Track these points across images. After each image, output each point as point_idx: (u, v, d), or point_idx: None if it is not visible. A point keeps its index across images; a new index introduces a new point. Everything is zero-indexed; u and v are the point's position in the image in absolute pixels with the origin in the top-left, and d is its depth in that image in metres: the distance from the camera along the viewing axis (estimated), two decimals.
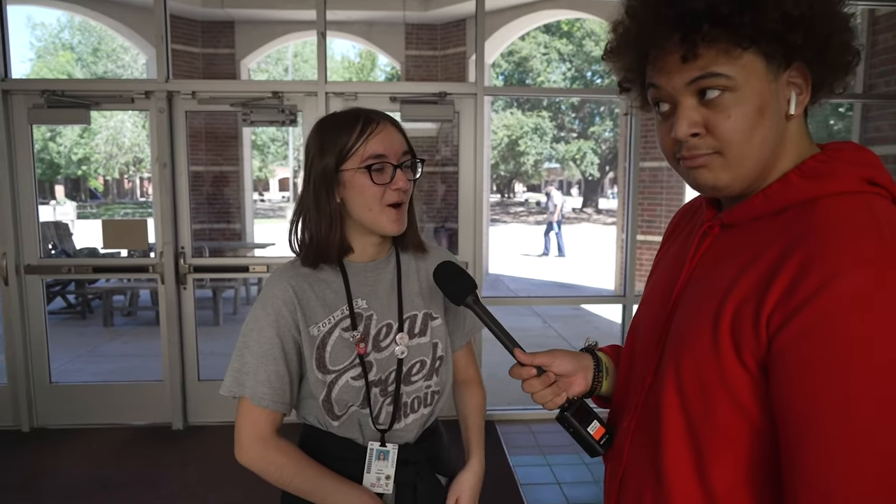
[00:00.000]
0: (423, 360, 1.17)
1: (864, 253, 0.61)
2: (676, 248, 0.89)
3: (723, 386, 0.70)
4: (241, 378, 1.07)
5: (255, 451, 1.07)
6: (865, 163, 0.72)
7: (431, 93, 3.78)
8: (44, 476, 3.17)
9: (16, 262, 3.66)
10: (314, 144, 1.10)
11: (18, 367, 3.72)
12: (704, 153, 0.72)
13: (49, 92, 3.62)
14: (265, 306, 1.08)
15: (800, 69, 0.71)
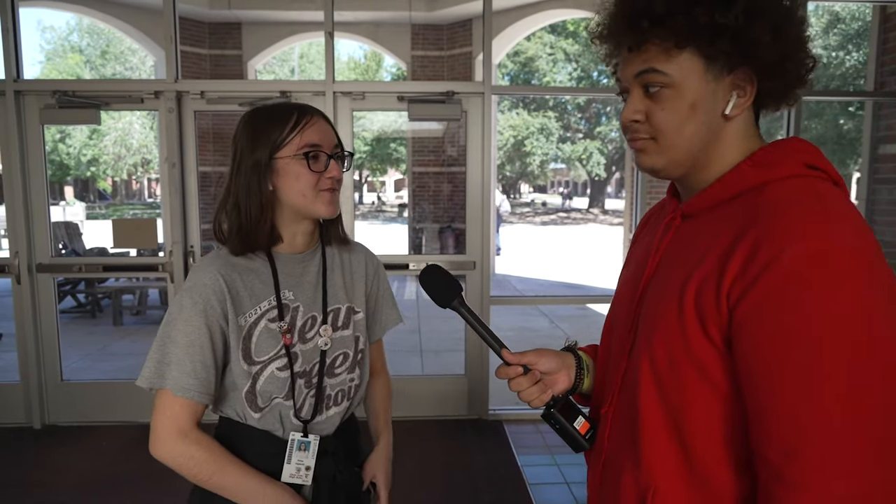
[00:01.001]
0: (346, 353, 1.19)
1: (807, 227, 0.68)
2: (645, 242, 0.95)
3: (691, 362, 0.75)
4: (162, 369, 1.04)
5: (173, 446, 1.04)
6: (806, 150, 0.79)
7: (439, 92, 3.79)
8: (55, 472, 3.20)
9: (28, 260, 3.70)
10: (245, 134, 1.11)
11: (30, 364, 3.75)
12: (643, 137, 0.82)
13: (60, 92, 3.65)
14: (192, 295, 1.06)
15: (746, 74, 0.77)
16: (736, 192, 0.79)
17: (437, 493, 2.99)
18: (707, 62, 0.76)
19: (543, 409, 0.98)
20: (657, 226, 0.92)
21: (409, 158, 10.97)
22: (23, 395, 3.79)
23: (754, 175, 0.78)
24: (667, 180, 0.89)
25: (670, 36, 0.75)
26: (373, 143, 23.43)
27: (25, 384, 3.79)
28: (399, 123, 18.06)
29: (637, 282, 0.89)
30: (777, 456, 0.68)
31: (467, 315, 1.00)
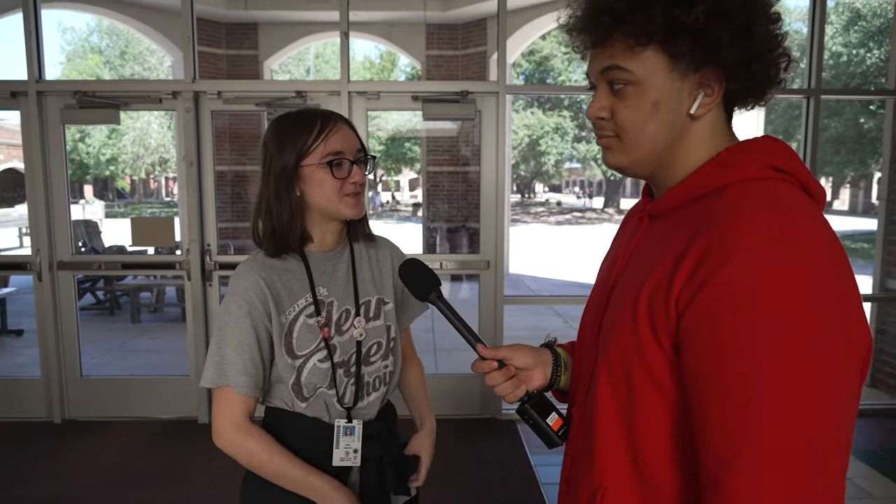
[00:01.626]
0: (380, 342, 1.27)
1: (755, 233, 0.65)
2: (617, 243, 0.94)
3: (642, 366, 0.75)
4: (223, 369, 1.13)
5: (231, 437, 1.14)
6: (774, 152, 0.76)
7: (453, 91, 3.80)
8: (75, 466, 3.25)
9: (49, 258, 3.76)
10: (273, 142, 1.17)
11: (51, 360, 3.82)
12: (608, 134, 0.81)
13: (80, 93, 3.72)
14: (238, 299, 1.15)
15: (714, 73, 0.75)
16: (699, 194, 0.77)
17: (451, 492, 3.00)
18: (671, 60, 0.75)
19: (518, 404, 0.99)
20: (628, 224, 0.93)
21: (423, 158, 10.99)
22: (43, 390, 3.87)
23: (717, 176, 0.76)
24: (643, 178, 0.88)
25: (632, 33, 0.74)
26: (387, 143, 23.50)
27: (46, 379, 3.86)
28: (414, 123, 18.09)
29: (607, 283, 0.89)
30: (714, 464, 0.67)
31: (444, 309, 1.03)
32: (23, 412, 3.88)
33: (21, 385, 3.98)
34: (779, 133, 21.81)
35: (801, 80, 4.04)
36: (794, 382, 0.63)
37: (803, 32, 19.00)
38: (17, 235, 15.63)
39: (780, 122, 21.39)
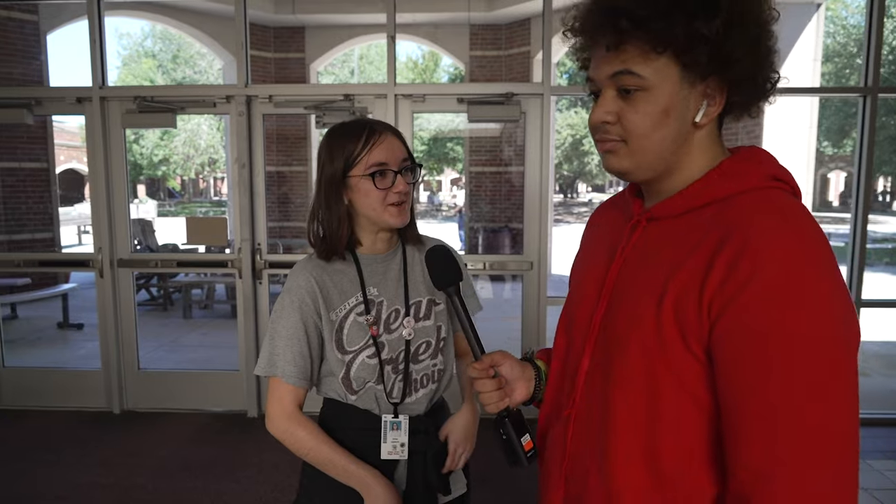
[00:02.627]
0: (429, 341, 1.30)
1: (782, 242, 0.69)
2: (603, 242, 0.94)
3: (671, 374, 0.76)
4: (274, 360, 1.21)
5: (280, 424, 1.21)
6: (770, 162, 0.82)
7: (498, 93, 3.81)
8: (133, 455, 3.41)
9: (110, 256, 3.95)
10: (325, 151, 1.24)
11: (110, 353, 4.01)
12: (613, 139, 0.81)
13: (140, 98, 3.88)
14: (291, 295, 1.22)
15: (716, 84, 0.77)
16: (706, 201, 0.80)
17: (487, 491, 3.02)
18: (683, 69, 0.76)
19: (496, 416, 0.99)
20: (618, 225, 0.92)
21: (465, 158, 11.01)
22: (103, 381, 4.06)
23: (723, 186, 0.79)
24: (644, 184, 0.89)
25: (650, 39, 0.74)
26: (429, 143, 23.61)
27: (106, 371, 4.04)
28: (456, 123, 18.12)
29: (600, 282, 0.89)
30: (749, 475, 0.69)
31: (458, 305, 1.05)
32: (85, 402, 4.08)
33: (83, 376, 4.18)
34: (833, 132, 21.01)
35: (858, 78, 3.91)
36: (829, 389, 0.67)
37: (861, 27, 18.29)
38: (77, 233, 16.31)
39: (835, 119, 20.60)
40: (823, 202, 29.05)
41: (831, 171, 29.89)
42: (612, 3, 0.76)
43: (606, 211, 1.04)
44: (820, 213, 21.73)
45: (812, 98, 6.56)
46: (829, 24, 18.21)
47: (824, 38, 13.75)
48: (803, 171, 6.60)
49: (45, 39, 7.62)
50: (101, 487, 3.05)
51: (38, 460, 3.34)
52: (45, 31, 7.72)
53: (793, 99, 6.34)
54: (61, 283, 7.31)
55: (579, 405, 0.89)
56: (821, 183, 29.48)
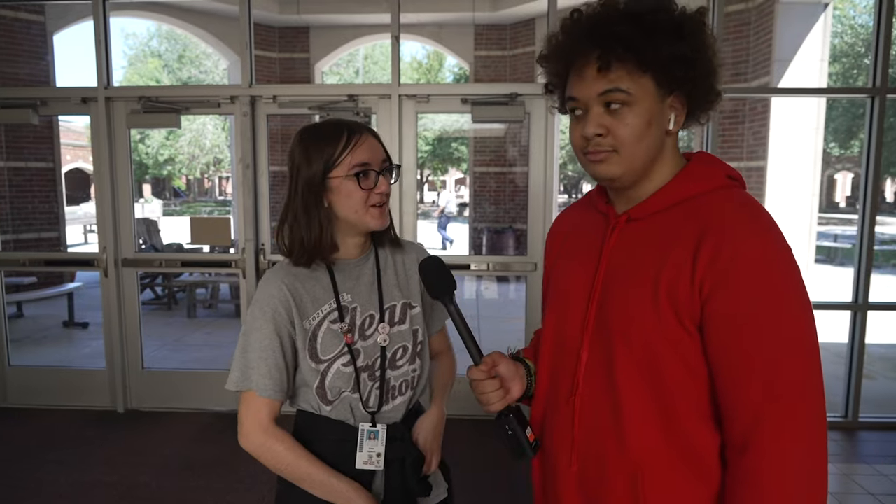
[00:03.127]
0: (405, 346, 1.27)
1: (750, 228, 0.86)
2: (581, 247, 1.05)
3: (672, 351, 0.89)
4: (248, 373, 1.16)
5: (256, 439, 1.17)
6: (724, 165, 0.98)
7: (502, 94, 3.81)
8: (137, 455, 3.42)
9: (115, 255, 3.96)
10: (300, 154, 1.19)
11: (115, 352, 4.02)
12: (605, 150, 0.92)
13: (145, 98, 3.90)
14: (263, 306, 1.18)
15: (679, 97, 0.93)
16: (678, 200, 0.94)
17: (503, 492, 3.02)
18: (657, 85, 0.90)
19: (497, 414, 1.03)
20: (594, 229, 1.04)
21: (470, 158, 11.01)
22: (108, 380, 4.07)
23: (692, 186, 0.94)
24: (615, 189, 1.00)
25: (637, 61, 0.88)
26: (434, 143, 23.60)
27: (110, 370, 4.06)
28: (461, 123, 18.12)
29: (588, 283, 0.99)
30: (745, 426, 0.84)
31: (454, 313, 1.07)
32: (89, 401, 4.10)
33: (88, 375, 4.19)
34: (841, 132, 20.90)
35: (866, 78, 3.88)
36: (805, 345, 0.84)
37: (869, 27, 18.17)
38: (83, 233, 16.39)
39: (843, 120, 20.49)
40: (830, 203, 28.92)
41: (838, 173, 29.76)
42: (603, 30, 0.88)
43: (571, 219, 1.15)
44: (826, 214, 21.62)
45: (819, 99, 6.52)
46: (837, 23, 18.10)
47: (832, 38, 13.64)
48: (809, 172, 6.55)
49: (51, 40, 7.65)
50: (105, 486, 3.06)
51: (42, 459, 3.35)
52: (52, 32, 7.75)
53: (799, 99, 6.31)
54: (67, 282, 7.33)
55: (583, 394, 0.97)
56: (827, 184, 29.34)
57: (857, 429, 3.83)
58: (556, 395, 1.04)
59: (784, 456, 0.82)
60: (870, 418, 3.90)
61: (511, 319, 6.58)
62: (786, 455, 0.82)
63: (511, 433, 1.02)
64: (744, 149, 6.60)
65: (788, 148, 6.39)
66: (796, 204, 6.53)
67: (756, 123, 6.51)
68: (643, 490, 0.91)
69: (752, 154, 6.51)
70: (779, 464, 0.82)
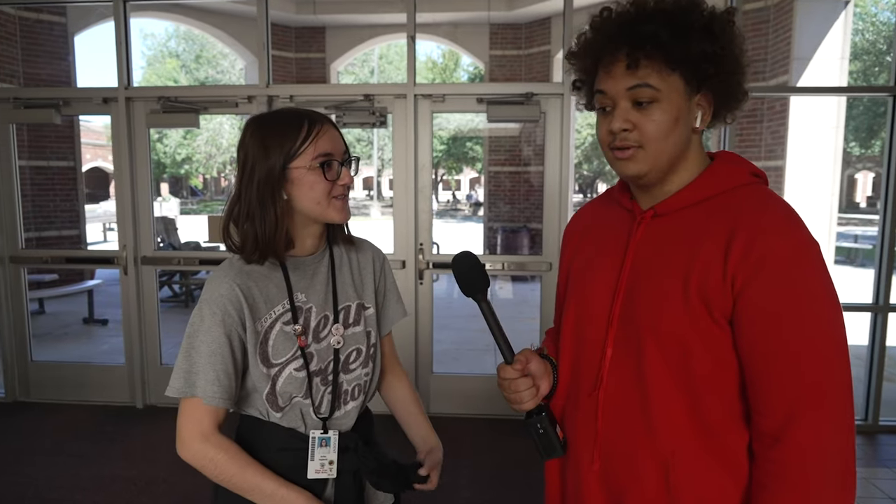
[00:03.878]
0: (359, 349, 1.22)
1: (780, 226, 0.87)
2: (604, 242, 1.05)
3: (700, 342, 0.89)
4: (192, 378, 1.08)
5: (197, 448, 1.08)
6: (747, 163, 0.99)
7: (518, 93, 3.81)
8: (154, 450, 3.46)
9: (134, 253, 4.01)
10: (255, 144, 1.10)
11: (134, 349, 4.08)
12: (632, 145, 0.93)
13: (164, 98, 3.94)
14: (211, 306, 1.09)
15: (706, 96, 0.94)
16: (705, 196, 0.95)
17: (517, 491, 3.02)
18: (685, 84, 0.91)
19: (527, 413, 1.02)
20: (618, 225, 1.03)
21: (485, 158, 11.00)
22: (127, 376, 4.13)
23: (717, 184, 0.95)
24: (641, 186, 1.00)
25: (666, 58, 0.89)
26: (448, 142, 23.61)
27: (129, 367, 4.12)
28: (476, 122, 18.10)
29: (613, 279, 0.99)
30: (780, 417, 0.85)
31: (486, 311, 1.04)
32: (109, 396, 4.16)
33: (107, 371, 4.26)
34: (861, 131, 20.60)
35: (888, 76, 3.83)
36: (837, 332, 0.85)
37: (891, 24, 17.86)
38: (102, 230, 16.61)
39: (863, 119, 20.19)
40: (850, 203, 28.49)
41: (858, 172, 29.31)
42: (632, 28, 0.89)
43: (591, 214, 1.15)
44: (846, 214, 21.31)
45: (839, 97, 6.43)
46: (858, 20, 17.83)
47: (853, 35, 13.43)
48: (829, 172, 6.47)
49: (72, 41, 7.77)
50: (123, 480, 3.10)
51: (63, 452, 3.41)
52: (73, 33, 7.87)
53: (819, 98, 6.23)
54: (87, 279, 7.44)
55: (608, 388, 0.97)
56: (848, 184, 28.91)
57: (878, 432, 3.78)
58: (577, 390, 1.03)
59: (817, 449, 0.83)
60: (891, 422, 3.84)
61: (525, 319, 6.57)
62: (819, 448, 0.83)
63: (542, 432, 1.01)
64: (762, 148, 6.53)
65: (807, 147, 6.31)
66: (816, 204, 6.45)
67: (774, 122, 6.44)
68: (674, 484, 0.91)
69: (771, 153, 6.45)
70: (812, 457, 0.83)
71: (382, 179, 29.66)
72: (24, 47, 7.09)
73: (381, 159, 25.92)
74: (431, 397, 3.97)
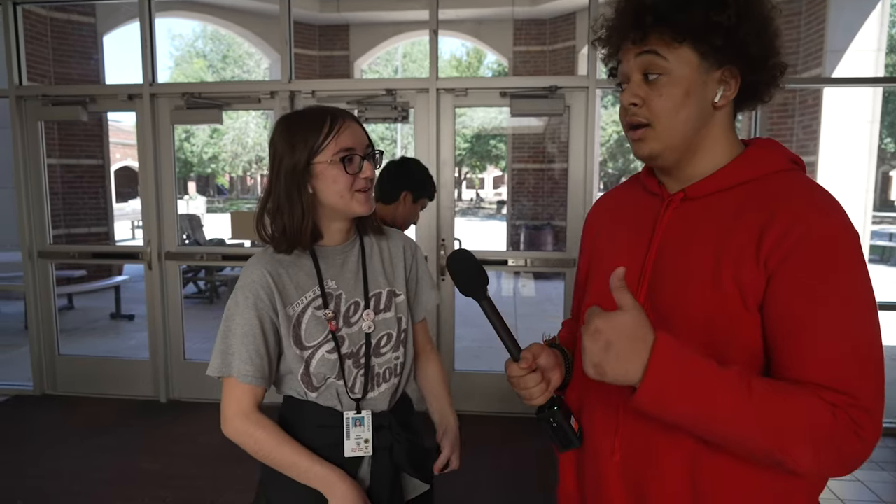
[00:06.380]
0: (390, 334, 1.27)
1: (820, 211, 0.83)
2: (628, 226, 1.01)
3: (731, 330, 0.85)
4: (228, 359, 1.15)
5: (238, 425, 1.16)
6: (785, 149, 0.95)
7: (541, 87, 3.74)
8: (176, 443, 3.49)
9: (158, 249, 4.05)
10: (283, 141, 1.18)
11: (158, 344, 4.12)
12: (640, 121, 0.91)
13: (188, 94, 3.97)
14: (244, 291, 1.17)
15: (731, 71, 0.89)
16: (738, 182, 0.91)
17: (538, 489, 2.97)
18: (700, 57, 0.87)
19: (539, 408, 0.99)
20: (644, 208, 1.00)
21: (508, 155, 10.93)
22: (151, 371, 4.17)
23: (754, 168, 0.91)
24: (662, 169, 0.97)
25: (671, 31, 0.86)
26: (472, 140, 23.56)
27: (154, 361, 4.16)
28: (499, 120, 18.04)
29: (638, 259, 0.95)
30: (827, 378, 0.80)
31: (488, 309, 1.00)
32: (134, 391, 4.21)
33: (133, 366, 4.31)
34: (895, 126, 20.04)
35: None
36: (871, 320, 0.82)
37: None
38: (130, 228, 16.94)
39: None
40: (885, 201, 27.72)
41: (894, 169, 28.50)
42: (637, 5, 0.87)
43: (615, 198, 1.11)
44: (881, 212, 20.75)
45: (874, 90, 6.24)
46: (895, 12, 17.32)
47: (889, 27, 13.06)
48: (863, 168, 6.27)
49: (101, 40, 7.91)
50: (145, 473, 3.13)
51: (88, 445, 3.46)
52: (102, 33, 8.01)
53: (853, 91, 6.05)
54: (115, 275, 7.57)
55: None
56: (882, 181, 28.13)
57: None
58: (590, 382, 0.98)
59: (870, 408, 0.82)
60: None
61: (549, 318, 6.50)
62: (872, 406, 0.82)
63: (556, 426, 0.98)
64: (793, 143, 6.36)
65: (841, 142, 6.13)
66: (849, 201, 6.26)
67: (807, 117, 6.27)
68: (701, 473, 0.88)
69: (803, 149, 6.28)
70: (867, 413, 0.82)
71: None
72: (55, 47, 7.23)
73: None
74: (453, 395, 3.93)
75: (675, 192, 0.96)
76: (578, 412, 1.03)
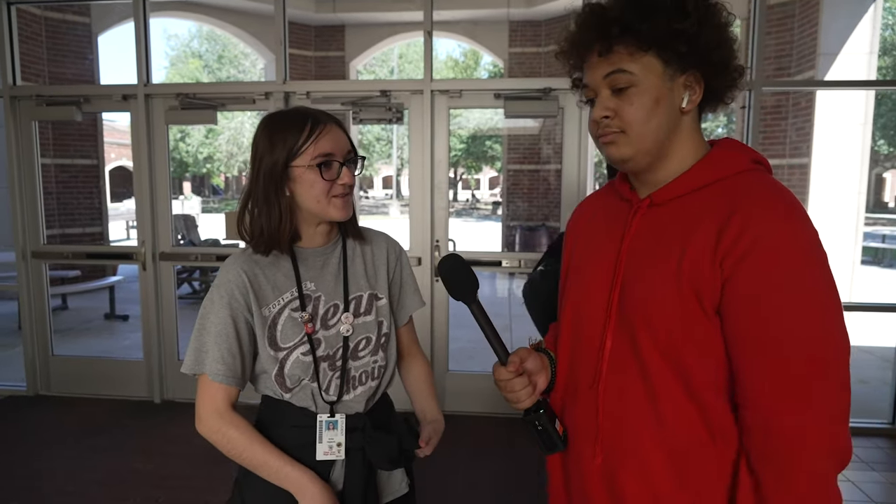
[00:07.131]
0: (369, 337, 1.26)
1: (776, 209, 0.85)
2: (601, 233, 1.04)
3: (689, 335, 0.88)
4: (201, 357, 1.15)
5: (211, 423, 1.15)
6: (749, 149, 0.97)
7: (536, 88, 3.76)
8: (170, 444, 3.49)
9: (152, 249, 4.05)
10: (263, 141, 1.16)
11: (152, 344, 4.11)
12: (613, 131, 0.93)
13: (183, 95, 3.97)
14: (220, 290, 1.16)
15: (694, 76, 0.92)
16: (702, 184, 0.93)
17: (532, 489, 2.99)
18: (664, 64, 0.90)
19: (525, 411, 1.01)
20: (615, 214, 1.02)
21: (504, 156, 10.95)
22: (145, 371, 4.17)
23: (716, 171, 0.93)
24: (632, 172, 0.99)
25: (636, 41, 0.88)
26: (468, 141, 23.57)
27: (148, 362, 4.15)
28: (495, 121, 18.06)
29: (610, 269, 0.97)
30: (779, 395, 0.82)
31: (477, 314, 1.02)
32: (128, 391, 4.20)
33: (127, 366, 4.30)
34: (890, 129, 20.16)
35: None
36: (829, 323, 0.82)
37: None
38: (125, 228, 16.88)
39: (892, 116, 19.75)
40: (878, 203, 27.87)
41: (887, 171, 28.65)
42: (601, 16, 0.90)
43: (592, 207, 1.14)
44: (874, 214, 20.84)
45: (867, 93, 6.28)
46: (888, 15, 17.42)
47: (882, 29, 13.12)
48: (856, 170, 6.31)
49: (96, 40, 7.88)
50: (139, 473, 3.13)
51: (82, 445, 3.45)
52: (97, 33, 7.99)
53: (846, 93, 6.09)
54: (109, 275, 7.55)
55: (608, 382, 0.96)
56: (875, 183, 28.27)
57: None
58: (575, 385, 1.02)
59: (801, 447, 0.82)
60: None
61: None
62: (802, 446, 0.82)
63: (541, 428, 1.00)
64: (786, 145, 6.40)
65: (834, 145, 6.17)
66: (842, 203, 6.30)
67: (799, 119, 6.30)
68: (685, 470, 0.90)
69: (796, 151, 6.31)
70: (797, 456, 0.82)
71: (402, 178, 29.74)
72: (50, 47, 7.21)
73: (401, 158, 25.98)
74: (447, 396, 3.94)
75: (644, 197, 0.98)
76: (561, 416, 1.05)
